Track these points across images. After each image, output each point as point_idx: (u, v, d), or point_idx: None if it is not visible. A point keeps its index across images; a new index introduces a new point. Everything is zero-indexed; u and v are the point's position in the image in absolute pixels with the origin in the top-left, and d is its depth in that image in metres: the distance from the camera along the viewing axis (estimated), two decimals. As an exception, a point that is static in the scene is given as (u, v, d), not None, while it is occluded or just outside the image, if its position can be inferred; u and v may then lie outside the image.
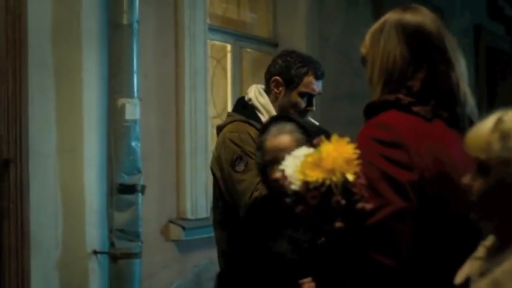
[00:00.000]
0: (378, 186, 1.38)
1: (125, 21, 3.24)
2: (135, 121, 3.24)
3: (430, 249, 1.44)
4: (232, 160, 2.46)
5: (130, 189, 3.19)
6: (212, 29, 4.16)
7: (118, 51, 3.24)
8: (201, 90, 3.91)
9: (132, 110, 3.24)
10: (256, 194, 2.37)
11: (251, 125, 2.57)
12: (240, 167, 2.43)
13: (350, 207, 1.34)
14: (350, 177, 1.34)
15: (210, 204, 3.89)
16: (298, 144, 1.88)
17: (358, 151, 1.35)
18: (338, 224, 1.34)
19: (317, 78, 2.64)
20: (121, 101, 3.21)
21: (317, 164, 1.36)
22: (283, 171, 1.42)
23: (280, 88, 2.65)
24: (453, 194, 1.44)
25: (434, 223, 1.44)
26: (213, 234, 2.66)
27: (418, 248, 1.40)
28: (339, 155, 1.35)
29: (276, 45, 4.86)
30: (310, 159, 1.37)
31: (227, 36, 4.48)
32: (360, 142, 1.39)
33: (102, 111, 3.25)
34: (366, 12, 5.62)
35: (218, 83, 4.41)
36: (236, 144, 2.47)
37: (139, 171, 3.24)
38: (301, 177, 1.37)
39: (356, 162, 1.35)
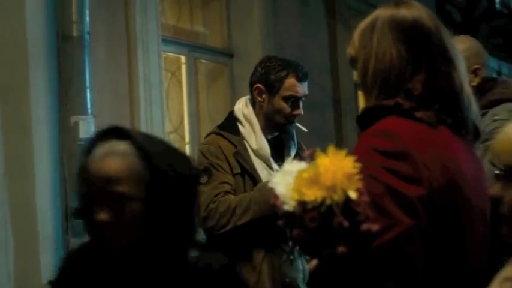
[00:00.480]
0: (383, 203, 1.22)
1: (74, 33, 3.03)
2: (89, 139, 3.02)
3: (442, 267, 1.28)
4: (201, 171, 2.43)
5: (86, 212, 2.96)
6: (165, 40, 3.96)
7: (68, 65, 3.03)
8: (157, 104, 3.71)
9: (86, 128, 3.02)
10: (212, 206, 2.34)
11: (224, 137, 2.51)
12: (204, 179, 2.38)
13: (353, 229, 1.17)
14: (352, 194, 1.17)
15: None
16: (132, 174, 1.41)
17: (358, 164, 1.18)
18: (341, 249, 1.17)
19: (299, 80, 2.52)
20: (73, 118, 3.00)
21: (314, 181, 1.19)
22: (272, 189, 1.25)
23: (263, 96, 2.54)
24: (463, 204, 1.30)
25: (445, 237, 1.29)
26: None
27: (430, 267, 1.25)
28: (338, 169, 1.18)
29: (231, 56, 4.70)
30: (305, 175, 1.20)
31: (181, 48, 4.29)
32: (360, 154, 1.22)
33: (53, 130, 3.02)
34: (320, 19, 5.53)
35: (173, 96, 4.22)
36: (205, 156, 2.46)
37: (95, 193, 3.01)
38: (296, 196, 1.20)
39: (357, 177, 1.19)
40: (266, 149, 2.48)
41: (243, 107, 2.60)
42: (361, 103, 6.47)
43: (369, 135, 1.35)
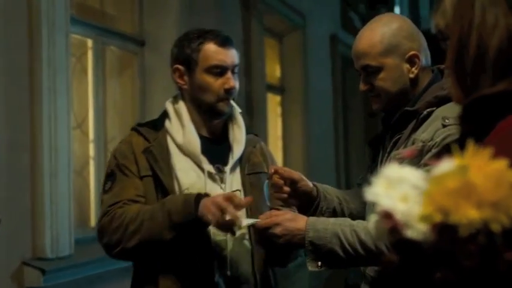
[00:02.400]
0: None
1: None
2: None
3: None
4: (105, 176, 2.01)
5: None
6: (71, 19, 3.32)
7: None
8: (63, 94, 3.09)
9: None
10: (105, 219, 1.88)
11: (140, 133, 2.01)
12: (107, 185, 1.96)
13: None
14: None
15: (73, 238, 3.10)
16: None
17: None
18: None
19: (220, 44, 1.97)
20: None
21: (465, 194, 0.75)
22: (384, 211, 0.80)
23: (185, 77, 2.01)
24: None
25: None
26: (79, 276, 2.29)
27: None
28: (499, 178, 0.75)
29: (142, 44, 4.13)
30: (452, 183, 0.75)
31: (88, 30, 3.67)
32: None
33: None
34: (235, 13, 5.10)
35: (77, 86, 3.59)
36: (114, 157, 2.00)
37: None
38: (437, 217, 0.75)
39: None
40: (195, 143, 1.95)
41: (174, 100, 2.07)
42: (271, 104, 6.10)
43: None
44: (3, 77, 2.80)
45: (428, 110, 1.75)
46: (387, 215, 0.80)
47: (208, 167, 1.95)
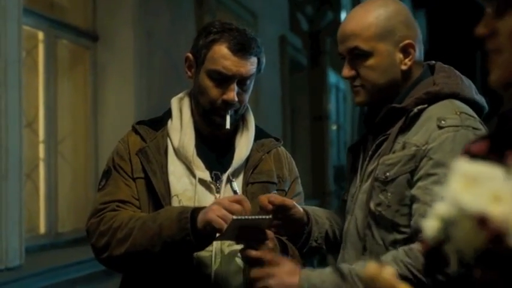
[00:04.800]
0: None
1: None
2: None
3: None
4: (102, 173, 1.82)
5: None
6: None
7: None
8: (14, 90, 2.84)
9: None
10: (93, 220, 1.69)
11: (137, 132, 1.79)
12: (101, 183, 1.77)
13: None
14: None
15: (24, 247, 2.84)
16: None
17: None
18: None
19: (233, 50, 1.69)
20: None
21: None
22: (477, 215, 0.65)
23: (192, 70, 1.77)
24: None
25: None
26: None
27: None
28: None
29: (95, 38, 3.88)
30: None
31: (39, 21, 3.41)
32: None
33: None
34: (189, 9, 4.90)
35: (28, 81, 3.31)
36: (112, 156, 1.80)
37: None
38: None
39: None
40: (188, 147, 1.73)
41: (182, 96, 1.84)
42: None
43: None
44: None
45: (419, 107, 1.51)
46: (481, 220, 0.64)
47: (203, 173, 1.71)
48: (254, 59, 1.72)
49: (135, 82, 3.83)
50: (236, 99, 1.69)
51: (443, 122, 1.48)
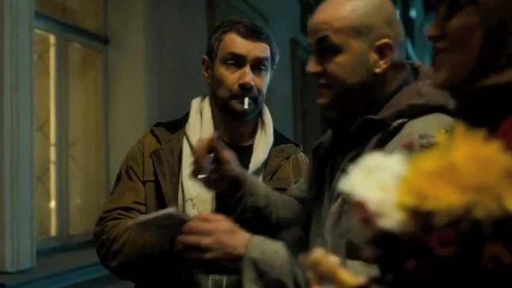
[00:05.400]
0: None
1: None
2: None
3: None
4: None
5: None
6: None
7: None
8: (26, 93, 2.85)
9: None
10: (97, 229, 1.71)
11: (154, 133, 1.80)
12: (112, 188, 1.80)
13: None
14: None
15: (35, 249, 2.86)
16: None
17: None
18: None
19: (243, 34, 1.72)
20: None
21: (446, 177, 0.64)
22: (356, 201, 0.69)
23: (208, 70, 1.79)
24: None
25: None
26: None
27: None
28: (488, 161, 0.64)
29: (106, 42, 3.90)
30: (430, 166, 0.65)
31: (51, 25, 3.43)
32: None
33: None
34: (200, 11, 4.91)
35: (39, 84, 3.33)
36: (126, 158, 1.81)
37: None
38: (411, 201, 0.65)
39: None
40: None
41: (202, 98, 1.85)
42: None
43: None
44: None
45: (399, 121, 1.29)
46: (359, 206, 0.68)
47: None
48: (265, 45, 1.75)
49: (146, 85, 3.85)
50: (252, 82, 1.71)
51: (425, 140, 1.19)
